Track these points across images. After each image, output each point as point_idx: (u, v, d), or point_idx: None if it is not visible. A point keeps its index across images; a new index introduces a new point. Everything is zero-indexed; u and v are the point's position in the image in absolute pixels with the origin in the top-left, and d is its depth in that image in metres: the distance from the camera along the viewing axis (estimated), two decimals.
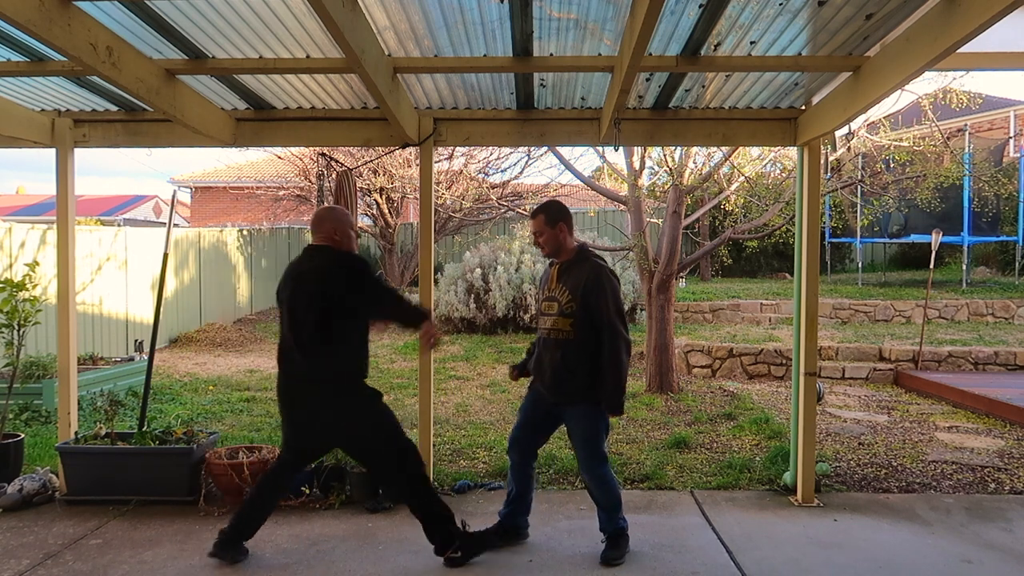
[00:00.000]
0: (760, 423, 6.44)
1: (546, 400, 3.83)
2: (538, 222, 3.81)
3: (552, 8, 3.29)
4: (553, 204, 3.90)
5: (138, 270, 11.23)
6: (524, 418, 3.96)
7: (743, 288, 13.39)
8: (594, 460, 3.74)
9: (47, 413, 6.75)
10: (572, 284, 3.70)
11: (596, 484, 3.76)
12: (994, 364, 8.59)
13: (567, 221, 3.82)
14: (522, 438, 3.93)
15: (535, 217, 3.83)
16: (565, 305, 3.69)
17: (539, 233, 3.82)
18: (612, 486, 3.79)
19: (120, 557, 3.84)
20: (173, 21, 3.44)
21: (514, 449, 3.95)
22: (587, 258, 3.80)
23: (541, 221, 3.79)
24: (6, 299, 4.84)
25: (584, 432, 3.75)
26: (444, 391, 8.11)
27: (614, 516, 3.80)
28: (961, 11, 2.78)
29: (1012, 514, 4.47)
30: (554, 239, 3.79)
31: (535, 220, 3.83)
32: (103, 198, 29.15)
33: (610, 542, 3.81)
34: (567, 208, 3.89)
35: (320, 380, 3.59)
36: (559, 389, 3.72)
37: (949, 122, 12.55)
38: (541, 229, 3.80)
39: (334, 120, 4.80)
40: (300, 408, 3.68)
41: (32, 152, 16.61)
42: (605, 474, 3.77)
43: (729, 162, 7.59)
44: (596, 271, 3.71)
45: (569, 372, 3.66)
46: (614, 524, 3.81)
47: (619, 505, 3.81)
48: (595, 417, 3.72)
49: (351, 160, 13.54)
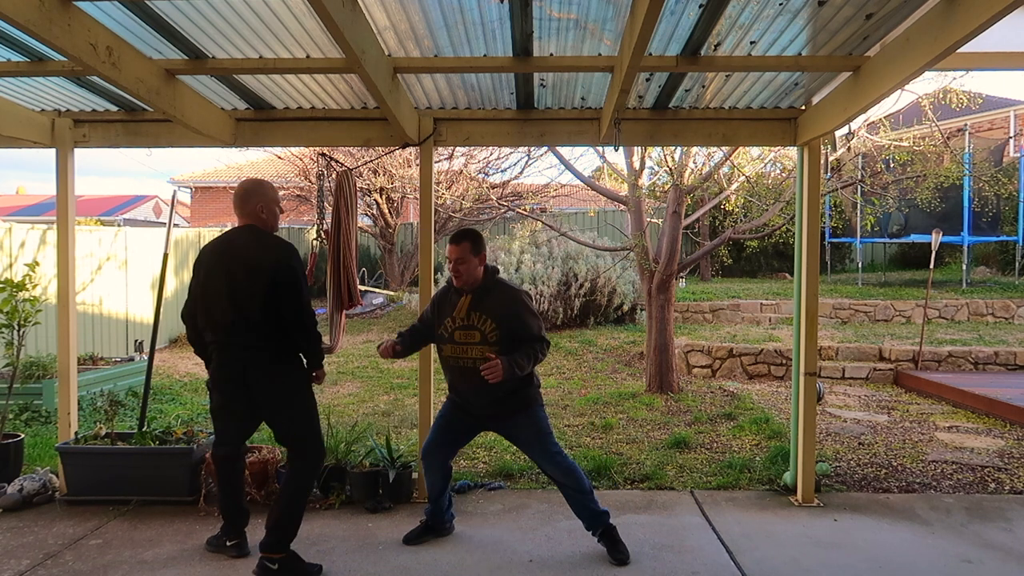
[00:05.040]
0: (760, 423, 6.44)
1: (470, 414, 3.86)
2: (463, 248, 3.68)
3: (552, 8, 3.29)
4: (474, 232, 3.78)
5: (138, 270, 11.23)
6: (441, 429, 3.93)
7: (743, 288, 13.39)
8: (552, 451, 3.79)
9: (47, 413, 6.75)
10: (493, 313, 3.66)
11: (562, 473, 3.79)
12: (994, 364, 8.59)
13: (484, 249, 3.80)
14: (439, 451, 3.93)
15: (459, 243, 3.69)
16: (490, 334, 3.65)
17: (460, 261, 3.69)
18: (575, 470, 3.82)
19: (120, 557, 3.84)
20: (173, 21, 3.44)
21: (430, 457, 3.93)
22: (500, 284, 3.79)
23: (466, 248, 3.68)
24: (6, 299, 4.85)
25: (536, 431, 3.79)
26: (444, 391, 8.08)
27: (590, 503, 3.82)
28: (961, 11, 2.78)
29: (1012, 514, 4.46)
30: (473, 269, 3.72)
31: (459, 246, 3.69)
32: (103, 198, 29.15)
33: (607, 540, 3.82)
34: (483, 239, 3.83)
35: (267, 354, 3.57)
36: (501, 409, 3.76)
37: (949, 122, 12.55)
38: (465, 256, 3.68)
39: (334, 120, 4.80)
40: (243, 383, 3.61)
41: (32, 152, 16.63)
42: (566, 460, 3.81)
43: (729, 162, 7.59)
44: (513, 295, 3.74)
45: (509, 392, 3.70)
46: (596, 519, 3.82)
47: (591, 490, 3.85)
48: (539, 416, 3.80)
49: (351, 160, 13.55)
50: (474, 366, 3.64)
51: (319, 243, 4.85)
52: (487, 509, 4.56)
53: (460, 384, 3.83)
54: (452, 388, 3.92)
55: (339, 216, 4.71)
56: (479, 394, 3.75)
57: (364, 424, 6.40)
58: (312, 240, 17.82)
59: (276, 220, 3.75)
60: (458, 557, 3.85)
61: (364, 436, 5.38)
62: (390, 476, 4.58)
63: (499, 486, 4.96)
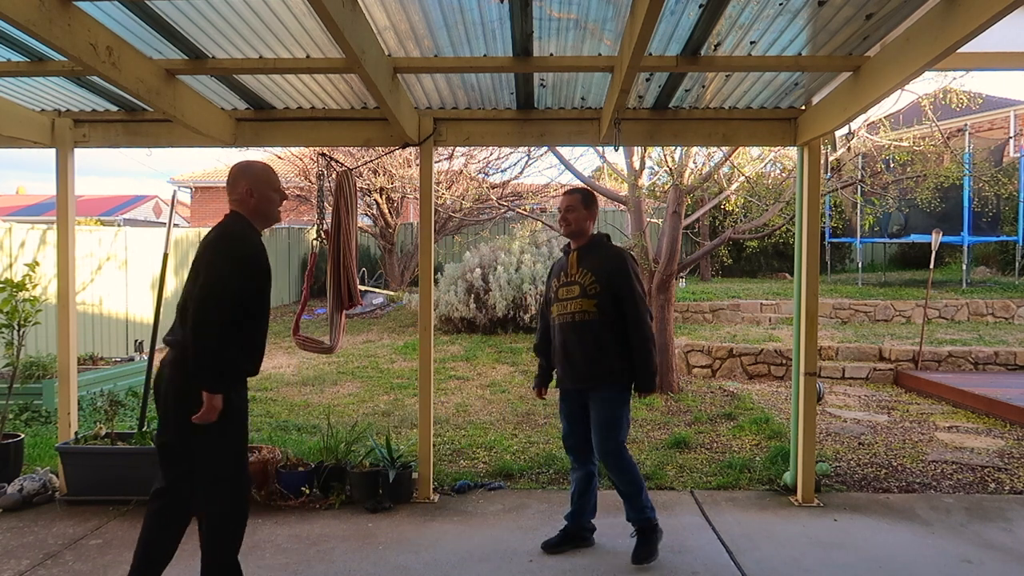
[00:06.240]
0: (760, 423, 6.44)
1: (575, 396, 3.83)
2: (574, 199, 3.88)
3: (552, 8, 3.29)
4: (589, 190, 4.06)
5: (138, 270, 11.23)
6: (568, 421, 3.92)
7: (743, 288, 13.38)
8: (610, 444, 3.71)
9: (47, 413, 6.75)
10: (594, 267, 3.74)
11: (613, 469, 3.74)
12: (994, 364, 8.59)
13: (596, 210, 3.95)
14: (574, 442, 3.90)
15: (572, 194, 3.91)
16: (589, 287, 3.70)
17: (571, 209, 3.86)
18: (631, 470, 3.76)
19: (120, 557, 3.84)
20: (173, 21, 3.44)
21: (572, 454, 3.95)
22: (605, 243, 3.89)
23: (577, 199, 3.87)
24: (6, 299, 4.85)
25: (603, 417, 3.72)
26: (444, 391, 8.11)
27: (638, 502, 3.76)
28: (961, 11, 2.78)
29: (1012, 514, 4.46)
30: (583, 220, 3.85)
31: (571, 196, 3.89)
32: (103, 198, 29.15)
33: (640, 538, 3.77)
34: (597, 202, 4.03)
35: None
36: (591, 370, 3.71)
37: (949, 122, 12.55)
38: (575, 206, 3.85)
39: (334, 120, 4.80)
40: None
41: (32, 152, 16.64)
42: (622, 458, 3.75)
43: (729, 162, 7.60)
44: (619, 255, 3.80)
45: (600, 351, 3.68)
46: (640, 513, 3.77)
47: (641, 489, 3.78)
48: (617, 403, 3.72)
49: (351, 160, 13.55)
50: (571, 320, 3.73)
51: (319, 243, 4.85)
52: (487, 509, 4.56)
53: (557, 345, 3.84)
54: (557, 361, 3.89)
55: (339, 216, 4.70)
56: (566, 354, 3.77)
57: (364, 424, 6.41)
58: (312, 240, 17.82)
59: (271, 207, 3.08)
60: (458, 557, 3.85)
61: (364, 436, 5.39)
62: (390, 476, 4.58)
63: (499, 486, 4.96)
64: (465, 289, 11.90)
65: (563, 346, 3.81)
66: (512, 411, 7.18)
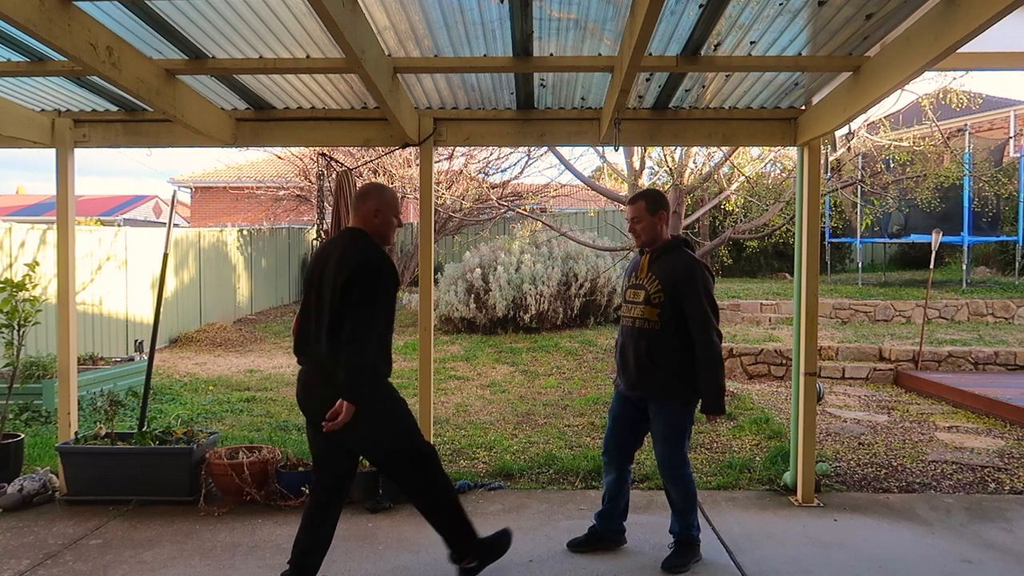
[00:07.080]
0: (760, 423, 6.44)
1: (629, 401, 3.73)
2: (638, 208, 3.69)
3: (552, 8, 3.29)
4: (653, 192, 3.81)
5: (138, 270, 11.22)
6: (613, 422, 3.85)
7: (743, 288, 13.38)
8: (672, 459, 3.64)
9: (47, 413, 6.75)
10: (662, 273, 3.58)
11: (673, 484, 3.68)
12: (994, 364, 8.59)
13: (667, 210, 3.74)
14: (614, 445, 3.82)
15: (635, 203, 3.71)
16: (653, 295, 3.56)
17: (637, 220, 3.68)
18: (690, 487, 3.69)
19: (120, 557, 3.84)
20: (173, 21, 3.44)
21: (607, 455, 3.86)
22: (679, 250, 3.67)
23: (641, 207, 3.68)
24: (6, 299, 4.84)
25: (664, 429, 3.64)
26: (444, 391, 8.10)
27: (687, 519, 3.71)
28: (961, 11, 2.78)
29: (1012, 514, 4.46)
30: (652, 227, 3.67)
31: (634, 206, 3.70)
32: (103, 198, 29.16)
33: (677, 548, 3.72)
34: (666, 198, 3.83)
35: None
36: (641, 381, 3.61)
37: (949, 122, 12.55)
38: (640, 215, 3.67)
39: (334, 120, 4.80)
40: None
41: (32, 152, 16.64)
42: (684, 475, 3.68)
43: (729, 162, 7.60)
44: (689, 262, 3.59)
45: (653, 364, 3.55)
46: (686, 531, 3.71)
47: (694, 507, 3.72)
48: (678, 415, 3.62)
49: (351, 160, 13.55)
50: (632, 325, 3.62)
51: (319, 243, 4.85)
52: (487, 509, 4.55)
53: (618, 345, 3.73)
54: (616, 360, 3.80)
55: (339, 216, 4.71)
56: (623, 359, 3.66)
57: None
58: (312, 240, 17.79)
59: (390, 231, 3.38)
60: None
61: None
62: None
63: (499, 486, 4.96)
64: (465, 289, 11.90)
65: (621, 349, 3.72)
66: (512, 411, 7.18)
